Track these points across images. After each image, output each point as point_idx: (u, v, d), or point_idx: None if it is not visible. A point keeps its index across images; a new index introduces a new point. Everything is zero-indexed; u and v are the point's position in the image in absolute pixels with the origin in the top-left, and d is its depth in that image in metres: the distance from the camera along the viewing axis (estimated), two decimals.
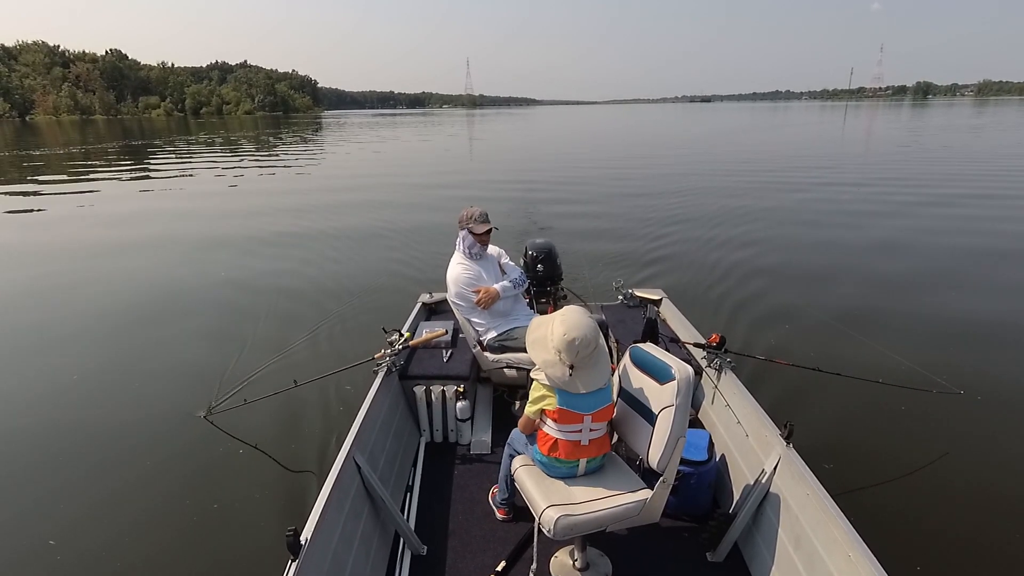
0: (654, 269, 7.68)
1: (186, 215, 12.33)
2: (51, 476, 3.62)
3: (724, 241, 9.06)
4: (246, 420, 3.99)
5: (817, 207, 11.92)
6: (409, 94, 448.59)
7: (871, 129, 41.97)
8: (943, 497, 3.22)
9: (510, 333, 3.38)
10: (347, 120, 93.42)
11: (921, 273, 7.32)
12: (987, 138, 29.84)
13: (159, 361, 5.22)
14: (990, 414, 4.04)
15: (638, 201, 12.94)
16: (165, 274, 7.94)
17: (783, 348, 5.01)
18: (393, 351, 3.38)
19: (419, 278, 7.13)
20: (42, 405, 4.51)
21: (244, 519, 3.20)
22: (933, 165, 18.35)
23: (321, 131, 54.65)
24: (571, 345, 2.15)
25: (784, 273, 7.40)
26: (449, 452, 3.37)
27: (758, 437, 2.72)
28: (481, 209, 3.45)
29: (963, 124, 43.66)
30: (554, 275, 4.20)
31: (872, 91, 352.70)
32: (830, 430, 3.84)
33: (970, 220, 10.27)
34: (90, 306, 6.72)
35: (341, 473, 2.39)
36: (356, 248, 9.20)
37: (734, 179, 16.17)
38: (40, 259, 8.90)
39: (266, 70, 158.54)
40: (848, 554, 1.96)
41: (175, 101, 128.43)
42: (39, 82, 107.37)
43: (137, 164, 24.12)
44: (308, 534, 2.02)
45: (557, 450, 2.27)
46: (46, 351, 5.51)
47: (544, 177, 17.78)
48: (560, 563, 2.48)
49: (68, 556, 2.97)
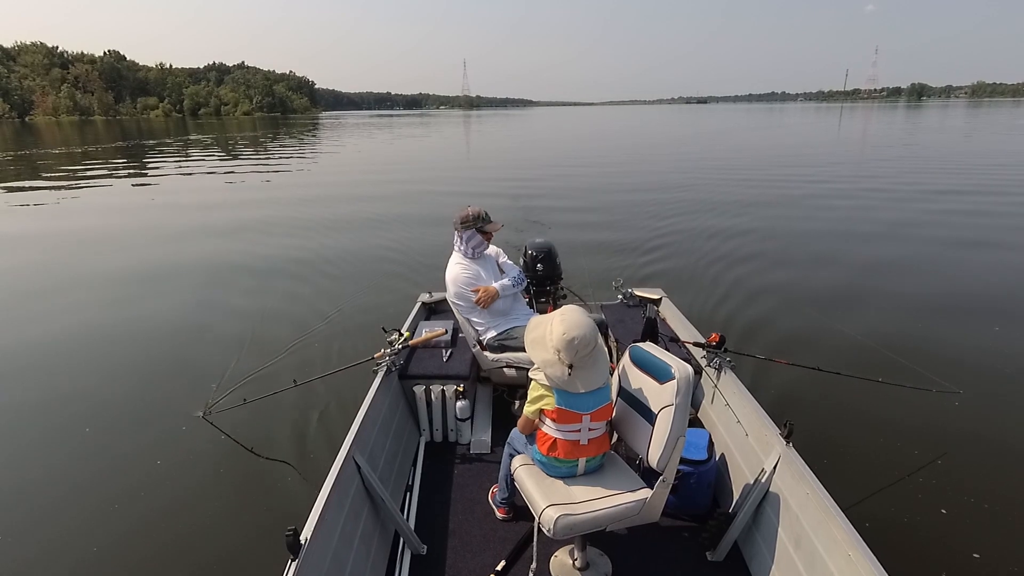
0: (654, 268, 7.68)
1: (185, 214, 12.33)
2: (48, 475, 3.62)
3: (724, 240, 9.07)
4: (245, 420, 3.99)
5: (816, 207, 11.93)
6: (406, 95, 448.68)
7: (867, 129, 42.08)
8: (943, 496, 3.22)
9: (510, 332, 3.38)
10: (345, 121, 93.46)
11: (921, 273, 7.32)
12: (985, 139, 29.88)
13: (156, 360, 5.21)
14: (989, 413, 4.04)
15: (638, 201, 12.95)
16: (163, 273, 7.93)
17: (783, 347, 5.01)
18: (393, 351, 3.38)
19: (418, 278, 7.13)
20: (39, 405, 4.50)
21: (243, 519, 3.19)
22: (932, 164, 18.39)
23: (320, 132, 54.65)
24: (570, 344, 2.15)
25: (783, 273, 7.41)
26: (449, 452, 3.37)
27: (758, 436, 2.71)
28: (483, 209, 3.45)
29: (956, 125, 43.73)
30: (554, 275, 4.20)
31: (867, 92, 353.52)
32: (830, 429, 3.84)
33: (970, 218, 10.29)
34: (88, 305, 6.71)
35: (341, 473, 2.38)
36: (356, 248, 9.20)
37: (733, 179, 16.18)
38: (39, 259, 8.89)
39: (264, 71, 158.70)
40: (848, 553, 1.96)
41: (173, 102, 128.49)
42: (38, 83, 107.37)
43: (137, 164, 24.12)
44: (308, 534, 2.01)
45: (556, 450, 2.27)
46: (44, 351, 5.50)
47: (542, 176, 17.80)
48: (560, 562, 2.48)
49: (67, 555, 2.96)
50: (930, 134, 34.41)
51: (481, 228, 3.40)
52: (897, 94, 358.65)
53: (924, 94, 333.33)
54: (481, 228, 3.40)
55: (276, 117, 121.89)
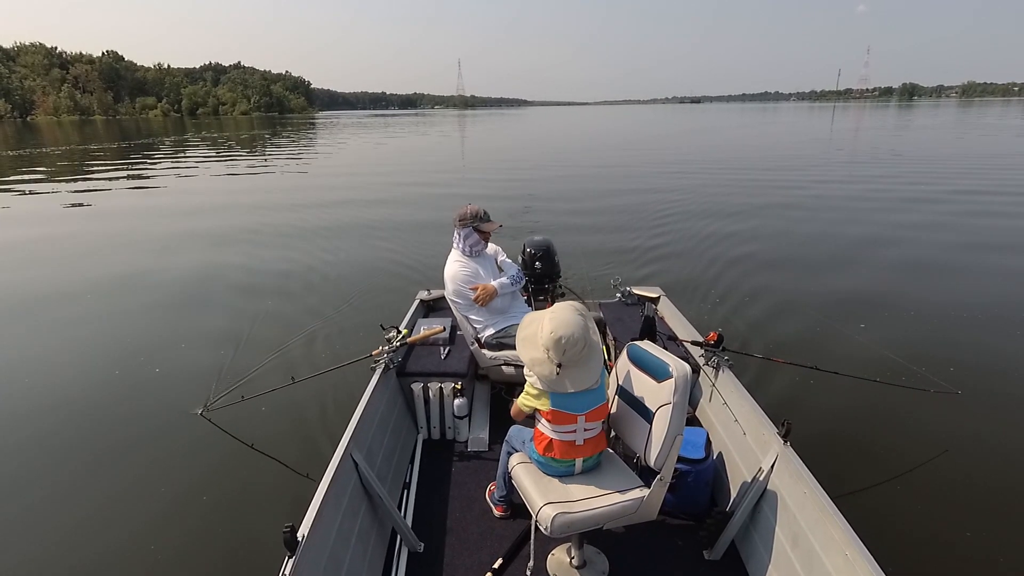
0: (652, 267, 7.68)
1: (185, 213, 12.31)
2: (47, 475, 3.61)
3: (722, 239, 9.07)
4: (243, 417, 3.98)
5: (814, 206, 11.94)
6: (401, 95, 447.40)
7: (860, 128, 42.18)
8: (940, 496, 3.23)
9: (508, 330, 3.38)
10: (342, 121, 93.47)
11: (919, 272, 7.33)
12: (983, 139, 29.93)
13: (155, 358, 5.20)
14: (987, 413, 4.04)
15: (636, 199, 12.95)
16: (161, 271, 7.91)
17: (781, 347, 5.01)
18: (391, 348, 3.37)
19: (417, 276, 7.13)
20: (38, 404, 4.49)
21: (241, 516, 3.19)
22: (930, 164, 18.40)
23: (318, 131, 54.66)
24: (558, 343, 2.13)
25: (782, 272, 7.41)
26: (446, 449, 3.36)
27: (756, 435, 2.71)
28: (481, 207, 3.45)
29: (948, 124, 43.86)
30: (552, 273, 4.20)
31: (859, 92, 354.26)
32: (828, 429, 3.83)
33: (969, 217, 10.31)
34: (87, 304, 6.70)
35: (338, 470, 2.38)
36: (354, 245, 9.19)
37: (732, 178, 16.18)
38: (37, 259, 8.87)
39: (261, 71, 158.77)
40: (845, 552, 1.96)
41: (171, 102, 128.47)
42: (39, 83, 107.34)
43: (137, 163, 24.07)
44: (305, 531, 2.01)
45: (552, 450, 2.27)
46: (43, 351, 5.49)
47: (541, 176, 17.79)
48: (557, 561, 2.48)
49: (66, 554, 2.95)
50: (923, 132, 34.49)
51: (478, 227, 3.40)
52: (889, 94, 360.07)
53: (915, 94, 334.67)
54: (478, 227, 3.40)
55: (273, 117, 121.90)
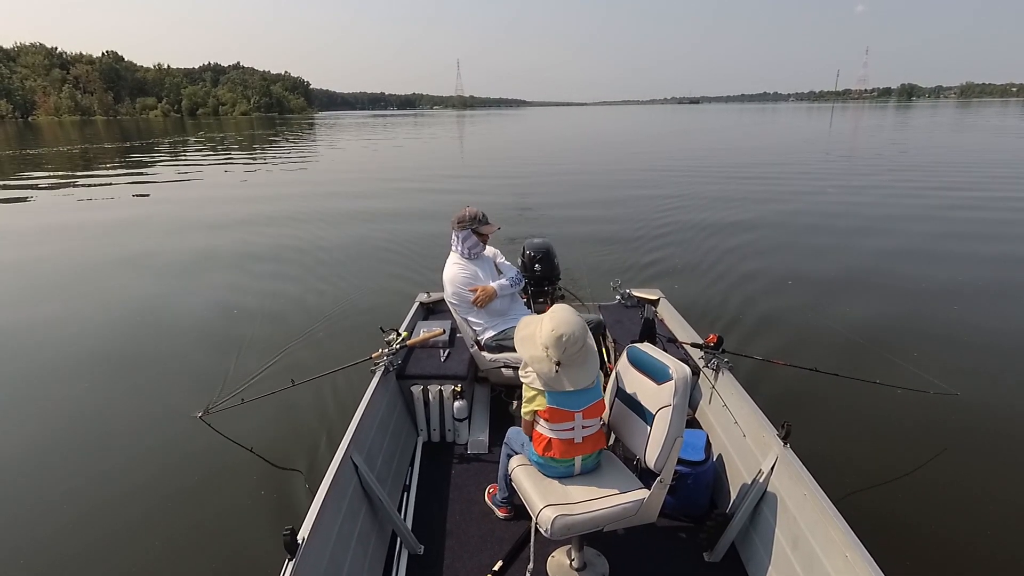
0: (652, 270, 7.68)
1: (183, 217, 12.28)
2: (47, 476, 3.61)
3: (722, 241, 9.07)
4: (243, 420, 3.97)
5: (814, 207, 11.93)
6: (399, 95, 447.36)
7: (858, 129, 42.19)
8: (940, 498, 3.23)
9: (507, 332, 3.37)
10: (341, 121, 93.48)
11: (918, 273, 7.32)
12: (982, 139, 29.95)
13: (155, 362, 5.20)
14: (986, 415, 4.04)
15: (636, 201, 12.94)
16: (160, 273, 7.91)
17: (780, 348, 5.01)
18: (391, 351, 3.37)
19: (416, 278, 7.13)
20: (38, 405, 4.49)
21: (241, 519, 3.19)
22: (929, 164, 18.40)
23: (318, 132, 54.65)
24: (559, 341, 2.15)
25: (781, 274, 7.41)
26: (446, 452, 3.36)
27: (755, 437, 2.71)
28: (480, 210, 3.45)
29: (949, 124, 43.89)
30: (552, 275, 4.19)
31: (857, 93, 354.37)
32: (827, 431, 3.84)
33: (968, 223, 10.28)
34: (86, 305, 6.69)
35: (338, 473, 2.38)
36: (354, 248, 9.19)
37: (732, 178, 16.17)
38: (39, 258, 8.87)
39: (260, 71, 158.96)
40: (845, 554, 1.96)
41: (172, 102, 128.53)
42: (39, 83, 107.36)
43: (137, 163, 24.05)
44: (305, 534, 2.01)
45: (552, 450, 2.27)
46: (43, 351, 5.48)
47: (540, 177, 17.77)
48: (557, 563, 2.48)
49: (65, 556, 2.95)
50: (922, 133, 34.49)
51: (477, 229, 3.40)
52: (887, 94, 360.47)
53: (914, 94, 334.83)
54: (477, 229, 3.40)
55: (273, 117, 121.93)
